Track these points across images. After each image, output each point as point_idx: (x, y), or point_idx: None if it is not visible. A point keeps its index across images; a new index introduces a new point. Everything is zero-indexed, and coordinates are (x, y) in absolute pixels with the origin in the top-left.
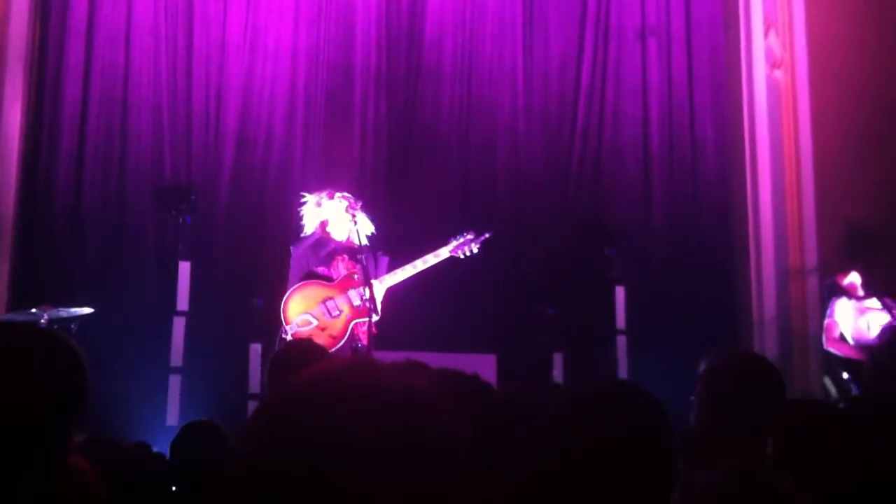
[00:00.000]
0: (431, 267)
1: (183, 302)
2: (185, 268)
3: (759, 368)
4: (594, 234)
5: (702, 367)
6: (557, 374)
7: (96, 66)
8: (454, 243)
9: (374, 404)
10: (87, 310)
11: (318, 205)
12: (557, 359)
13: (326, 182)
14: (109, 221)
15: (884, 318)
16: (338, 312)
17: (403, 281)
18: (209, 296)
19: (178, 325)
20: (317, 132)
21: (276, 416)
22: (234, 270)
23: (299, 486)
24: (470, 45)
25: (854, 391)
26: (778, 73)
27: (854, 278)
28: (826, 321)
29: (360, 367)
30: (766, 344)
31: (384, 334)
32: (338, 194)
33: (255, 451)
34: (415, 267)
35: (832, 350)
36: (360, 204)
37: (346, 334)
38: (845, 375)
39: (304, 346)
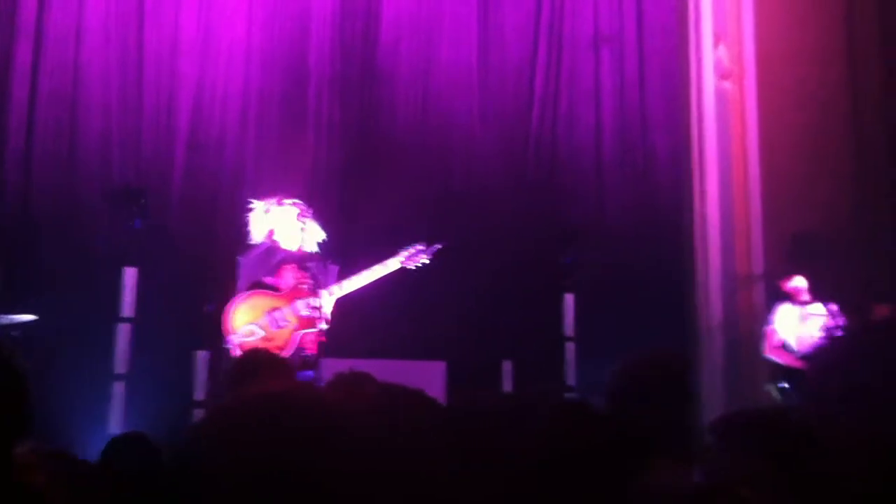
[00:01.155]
0: (382, 276)
1: (129, 308)
2: (131, 273)
3: (653, 368)
4: (548, 240)
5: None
6: (507, 382)
7: (45, 66)
8: (404, 254)
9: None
10: (29, 317)
11: (267, 212)
12: (507, 366)
13: (280, 186)
14: (58, 224)
15: (825, 324)
16: (284, 323)
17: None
18: (156, 302)
19: (123, 331)
20: (270, 135)
21: (220, 430)
22: (184, 276)
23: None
24: (426, 49)
25: (794, 401)
26: (727, 84)
27: (798, 282)
28: (766, 328)
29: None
30: (713, 350)
31: (333, 341)
32: (287, 201)
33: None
34: (364, 278)
35: (772, 358)
36: (311, 211)
37: (292, 345)
38: (785, 385)
39: (263, 357)
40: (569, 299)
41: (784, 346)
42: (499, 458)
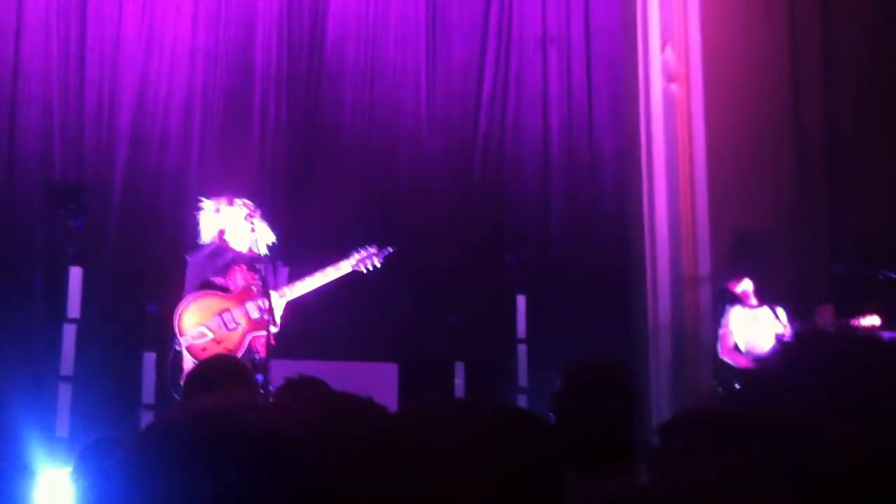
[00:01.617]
0: (333, 279)
1: (74, 309)
2: (76, 273)
3: (597, 371)
4: (494, 241)
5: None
6: (459, 383)
7: None
8: (356, 257)
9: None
10: None
11: (217, 211)
12: (459, 367)
13: (224, 185)
14: None
15: (776, 328)
16: (234, 325)
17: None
18: (100, 302)
19: (69, 332)
20: (214, 134)
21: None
22: (127, 275)
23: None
24: (372, 49)
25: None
26: (674, 87)
27: (746, 286)
28: (721, 330)
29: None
30: (660, 351)
31: (284, 343)
32: (238, 200)
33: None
34: (315, 280)
35: (726, 360)
36: (259, 211)
37: (242, 347)
38: (738, 386)
39: (224, 362)
40: (521, 300)
41: (737, 349)
42: (441, 465)
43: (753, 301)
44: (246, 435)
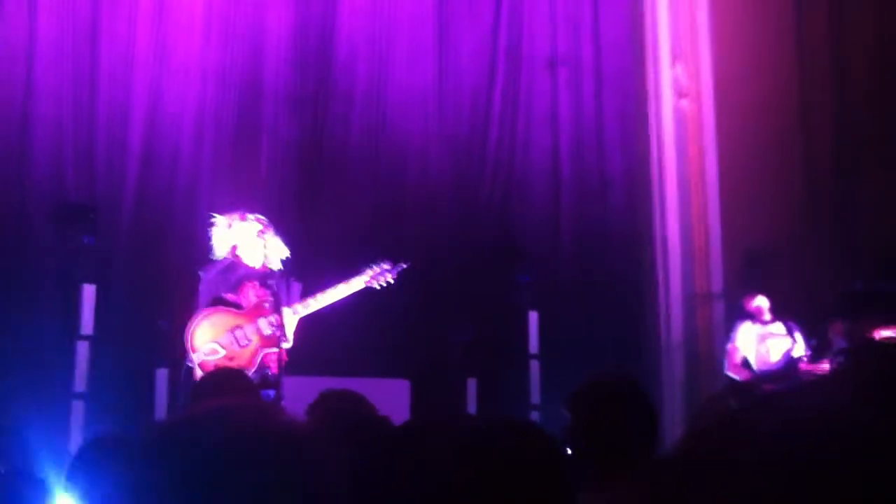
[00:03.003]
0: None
1: (87, 326)
2: (89, 290)
3: (614, 394)
4: (505, 260)
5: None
6: (472, 400)
7: None
8: (370, 273)
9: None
10: None
11: (230, 227)
12: (471, 384)
13: (234, 203)
14: (8, 242)
15: (785, 344)
16: (246, 342)
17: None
18: (113, 319)
19: (82, 349)
20: (225, 152)
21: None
22: (139, 292)
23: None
24: (381, 68)
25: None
26: (684, 103)
27: (761, 302)
28: (728, 346)
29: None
30: (674, 368)
31: (296, 359)
32: (250, 216)
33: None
34: (328, 297)
35: (732, 375)
36: (272, 227)
37: (254, 364)
38: (733, 403)
39: (228, 375)
40: (532, 317)
41: (744, 364)
42: (446, 480)
43: (767, 317)
44: (253, 432)
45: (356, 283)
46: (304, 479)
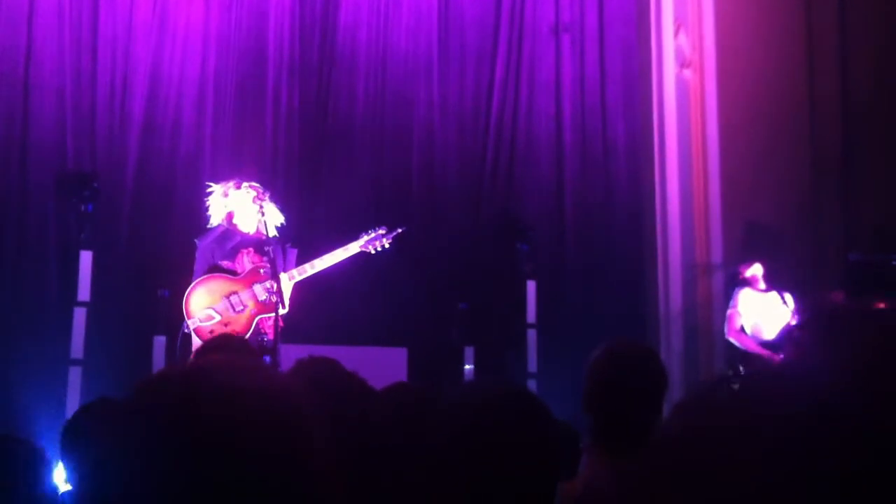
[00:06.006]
0: (342, 260)
1: (84, 292)
2: (86, 257)
3: (633, 359)
4: (506, 228)
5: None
6: (469, 368)
7: None
8: (365, 238)
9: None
10: None
11: (225, 195)
12: (469, 352)
13: (236, 171)
14: (10, 209)
15: (782, 313)
16: (242, 308)
17: (313, 275)
18: (112, 286)
19: (79, 315)
20: (227, 120)
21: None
22: (139, 260)
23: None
24: (384, 36)
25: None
26: (687, 73)
27: (756, 270)
28: (729, 311)
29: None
30: (672, 338)
31: (293, 328)
32: (245, 184)
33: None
34: (324, 262)
35: (732, 340)
36: (268, 194)
37: (249, 330)
38: (742, 369)
39: (230, 340)
40: (531, 286)
41: (743, 330)
42: (440, 447)
43: (762, 285)
44: (224, 392)
45: (352, 248)
46: (296, 438)
